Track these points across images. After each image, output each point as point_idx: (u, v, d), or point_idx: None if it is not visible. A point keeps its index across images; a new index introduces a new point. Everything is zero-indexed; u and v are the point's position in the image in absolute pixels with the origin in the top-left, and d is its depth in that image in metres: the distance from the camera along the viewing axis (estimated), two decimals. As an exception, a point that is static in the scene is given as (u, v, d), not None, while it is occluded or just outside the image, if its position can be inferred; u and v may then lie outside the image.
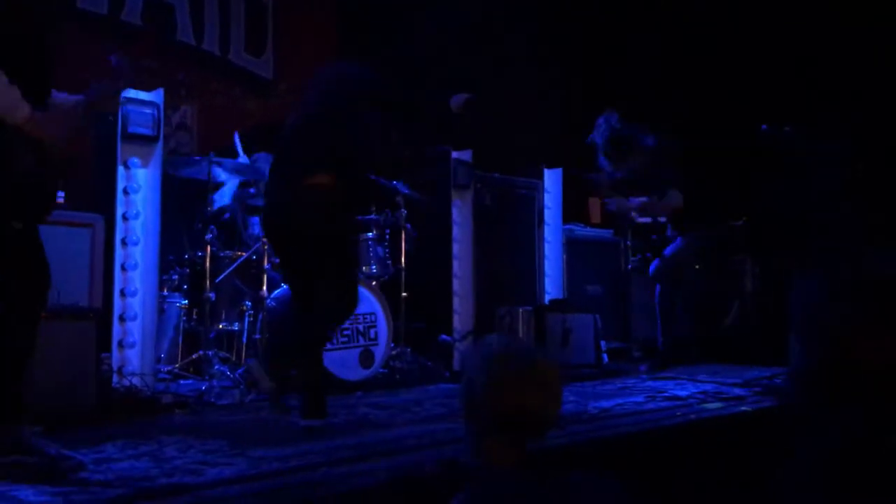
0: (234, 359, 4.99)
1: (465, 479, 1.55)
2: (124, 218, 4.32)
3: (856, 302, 1.65)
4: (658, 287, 5.96)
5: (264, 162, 5.02)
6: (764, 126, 5.60)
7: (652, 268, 6.04)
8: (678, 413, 4.09)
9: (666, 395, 4.61)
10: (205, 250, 4.78)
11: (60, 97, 2.77)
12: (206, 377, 4.55)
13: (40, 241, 2.72)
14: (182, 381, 4.68)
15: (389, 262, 5.37)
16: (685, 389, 4.80)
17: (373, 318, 4.95)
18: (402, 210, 5.48)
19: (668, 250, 5.93)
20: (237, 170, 5.24)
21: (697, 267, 7.01)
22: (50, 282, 2.78)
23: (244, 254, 5.04)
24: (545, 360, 1.65)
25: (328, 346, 4.77)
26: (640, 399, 4.49)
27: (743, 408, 4.28)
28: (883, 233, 5.78)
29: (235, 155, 5.36)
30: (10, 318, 2.64)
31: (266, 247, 4.96)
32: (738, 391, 4.73)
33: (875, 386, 1.69)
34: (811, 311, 1.74)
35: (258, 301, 4.92)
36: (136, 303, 4.30)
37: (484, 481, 1.56)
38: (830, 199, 6.44)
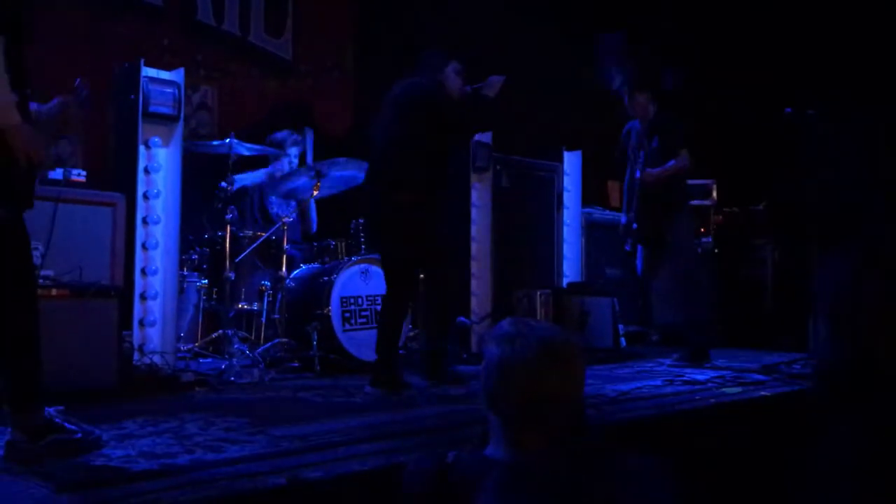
0: (253, 338, 5.02)
1: (491, 468, 1.48)
2: (145, 197, 4.35)
3: (883, 288, 1.62)
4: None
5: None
6: (788, 109, 5.53)
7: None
8: (697, 397, 4.08)
9: (684, 378, 4.60)
10: (225, 230, 4.79)
11: (33, 106, 2.75)
12: (226, 356, 4.57)
13: (25, 227, 2.63)
14: (202, 360, 4.72)
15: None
16: (704, 374, 4.79)
17: (391, 300, 4.94)
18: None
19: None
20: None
21: (717, 251, 6.98)
22: (34, 267, 2.72)
23: (264, 234, 5.06)
24: (565, 339, 1.54)
25: (347, 326, 4.81)
26: (658, 382, 4.49)
27: (762, 392, 4.27)
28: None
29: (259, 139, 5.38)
30: (8, 307, 2.59)
31: (286, 227, 4.98)
32: (757, 376, 4.72)
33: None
34: (839, 297, 1.70)
35: (278, 281, 4.95)
36: (156, 281, 4.34)
37: (513, 470, 1.48)
38: (854, 183, 6.36)
